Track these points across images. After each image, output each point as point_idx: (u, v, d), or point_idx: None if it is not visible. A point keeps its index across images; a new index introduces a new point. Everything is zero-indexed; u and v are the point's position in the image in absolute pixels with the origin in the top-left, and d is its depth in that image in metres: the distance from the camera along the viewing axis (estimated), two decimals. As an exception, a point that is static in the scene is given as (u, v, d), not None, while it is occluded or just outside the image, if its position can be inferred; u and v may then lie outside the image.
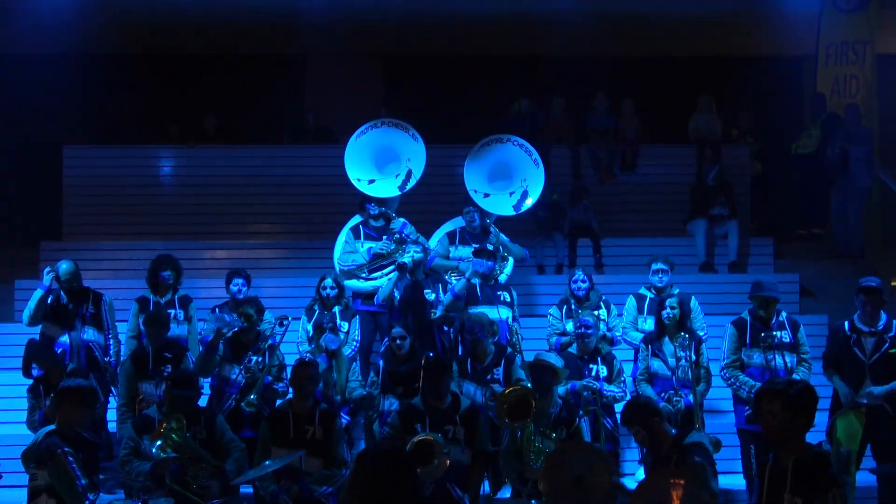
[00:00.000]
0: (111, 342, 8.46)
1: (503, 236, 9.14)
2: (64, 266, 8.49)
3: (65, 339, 8.30)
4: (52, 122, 13.34)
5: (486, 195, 9.22)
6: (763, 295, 7.79)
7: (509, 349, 7.92)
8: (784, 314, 7.93)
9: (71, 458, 5.95)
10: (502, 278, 8.96)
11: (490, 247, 8.81)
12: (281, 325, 7.92)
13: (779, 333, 7.71)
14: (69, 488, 5.92)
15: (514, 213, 9.38)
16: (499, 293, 8.51)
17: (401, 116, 9.85)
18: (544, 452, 6.52)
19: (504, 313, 8.33)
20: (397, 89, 14.64)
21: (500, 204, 9.28)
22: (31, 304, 8.37)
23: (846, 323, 7.72)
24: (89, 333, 8.38)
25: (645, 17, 13.66)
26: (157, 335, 7.96)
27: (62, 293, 8.44)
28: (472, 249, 8.80)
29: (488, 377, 7.60)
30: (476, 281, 8.45)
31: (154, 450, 6.35)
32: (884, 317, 7.64)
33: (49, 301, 8.35)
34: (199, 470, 6.41)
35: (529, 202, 9.33)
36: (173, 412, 6.60)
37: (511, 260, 9.20)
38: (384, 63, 14.89)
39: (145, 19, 13.22)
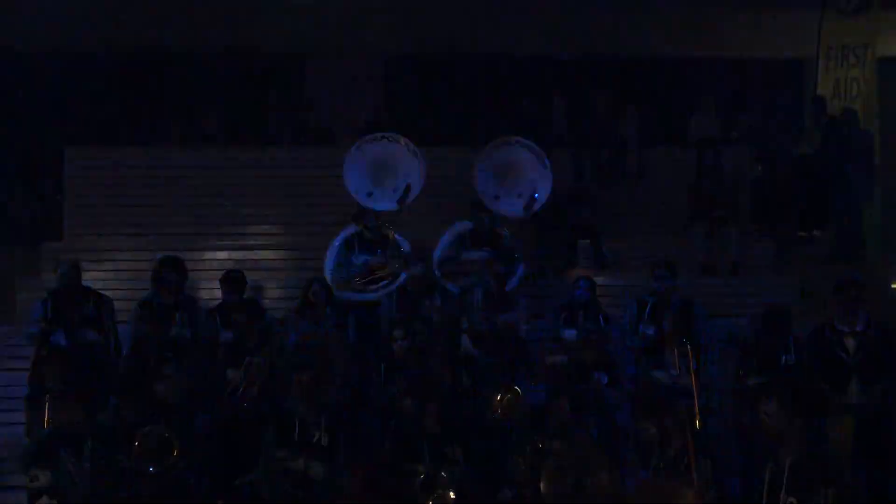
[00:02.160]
0: (112, 343, 8.46)
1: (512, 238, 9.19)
2: (65, 266, 8.50)
3: (62, 340, 8.30)
4: (54, 123, 13.34)
5: (496, 197, 9.24)
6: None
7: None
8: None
9: (70, 459, 5.98)
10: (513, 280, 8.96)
11: (518, 254, 8.83)
12: (282, 324, 7.92)
13: None
14: (67, 488, 5.97)
15: (524, 214, 9.41)
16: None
17: (400, 117, 9.88)
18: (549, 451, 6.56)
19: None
20: (397, 90, 14.65)
21: (511, 206, 9.30)
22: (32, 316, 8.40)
23: (825, 326, 7.73)
24: (90, 335, 8.38)
25: (645, 19, 13.68)
26: (155, 335, 7.92)
27: (61, 293, 8.45)
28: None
29: None
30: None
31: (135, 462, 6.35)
32: (862, 316, 7.66)
33: (49, 305, 8.37)
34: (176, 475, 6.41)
35: (539, 204, 9.35)
36: None
37: (520, 266, 9.21)
38: (384, 63, 14.90)
39: (146, 20, 13.23)
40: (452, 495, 6.33)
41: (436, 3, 13.28)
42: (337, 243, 9.29)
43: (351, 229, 9.35)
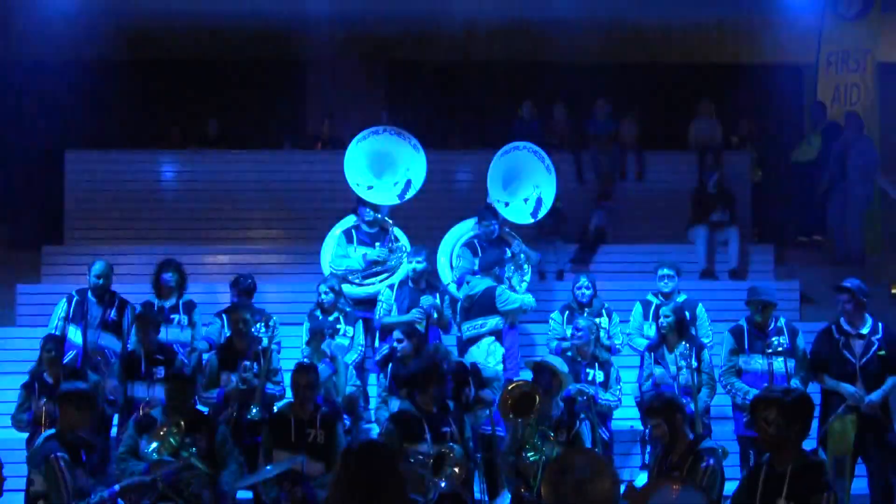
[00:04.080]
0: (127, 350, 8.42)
1: (522, 243, 9.19)
2: (98, 265, 8.50)
3: (78, 340, 8.29)
4: (55, 127, 13.35)
5: (506, 204, 9.26)
6: (759, 299, 7.86)
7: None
8: (783, 320, 7.97)
9: (63, 464, 5.95)
10: (524, 287, 8.97)
11: (521, 254, 8.87)
12: (266, 326, 7.86)
13: (776, 339, 7.74)
14: (56, 494, 5.94)
15: (532, 220, 9.43)
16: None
17: (402, 122, 9.89)
18: (542, 450, 6.54)
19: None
20: (399, 94, 14.66)
21: (519, 212, 9.32)
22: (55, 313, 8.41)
23: (833, 326, 7.75)
24: (105, 339, 8.37)
25: (646, 24, 13.69)
26: (146, 335, 7.85)
27: (89, 293, 8.45)
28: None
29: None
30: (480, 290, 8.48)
31: (150, 451, 6.33)
32: (869, 319, 7.68)
33: (73, 302, 8.36)
34: (192, 477, 6.40)
35: (545, 210, 9.39)
36: (171, 406, 6.62)
37: (529, 270, 9.22)
38: (386, 68, 14.92)
39: (147, 25, 13.25)
40: (458, 470, 6.36)
41: (437, 9, 13.30)
42: (336, 234, 9.29)
43: (349, 220, 9.35)
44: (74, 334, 8.32)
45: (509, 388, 6.79)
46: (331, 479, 3.60)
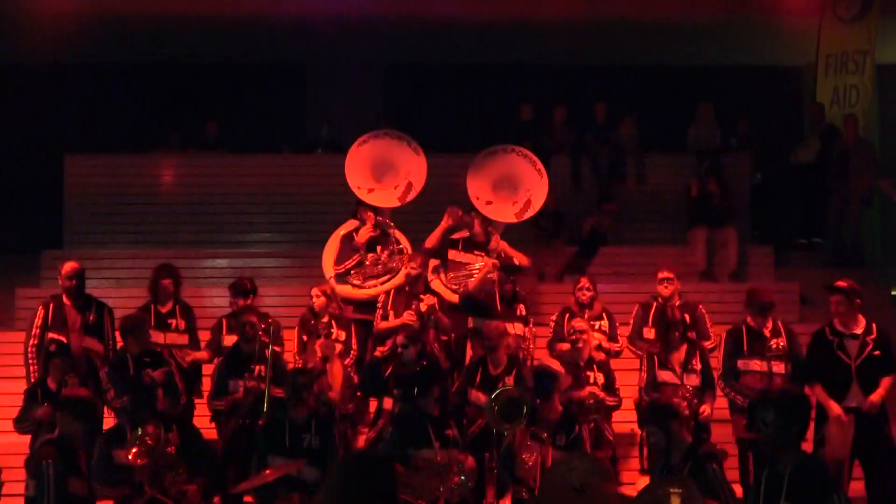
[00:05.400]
0: (112, 352, 8.43)
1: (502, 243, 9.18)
2: (66, 267, 8.47)
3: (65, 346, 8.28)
4: (54, 131, 13.36)
5: (489, 202, 9.24)
6: (758, 301, 7.84)
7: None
8: (780, 322, 7.95)
9: (52, 471, 5.93)
10: None
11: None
12: (267, 330, 7.84)
13: (775, 342, 7.72)
14: (43, 500, 5.93)
15: (516, 220, 9.42)
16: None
17: (401, 125, 9.89)
18: (539, 451, 6.54)
19: (517, 328, 8.40)
20: (397, 97, 14.68)
21: (503, 211, 9.30)
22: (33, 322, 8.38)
23: (826, 328, 7.73)
24: (88, 342, 8.36)
25: (645, 27, 13.70)
26: (131, 342, 7.76)
27: (63, 297, 8.42)
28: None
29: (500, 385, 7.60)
30: None
31: (130, 458, 6.31)
32: (862, 319, 7.65)
33: (51, 308, 8.34)
34: (177, 476, 6.39)
35: (533, 211, 9.37)
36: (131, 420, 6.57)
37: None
38: (384, 71, 14.93)
39: (147, 29, 13.26)
40: (463, 477, 6.35)
41: (436, 12, 13.31)
42: (336, 238, 9.31)
43: (352, 225, 9.37)
44: (60, 342, 8.28)
45: (494, 394, 6.72)
46: (323, 487, 3.59)
